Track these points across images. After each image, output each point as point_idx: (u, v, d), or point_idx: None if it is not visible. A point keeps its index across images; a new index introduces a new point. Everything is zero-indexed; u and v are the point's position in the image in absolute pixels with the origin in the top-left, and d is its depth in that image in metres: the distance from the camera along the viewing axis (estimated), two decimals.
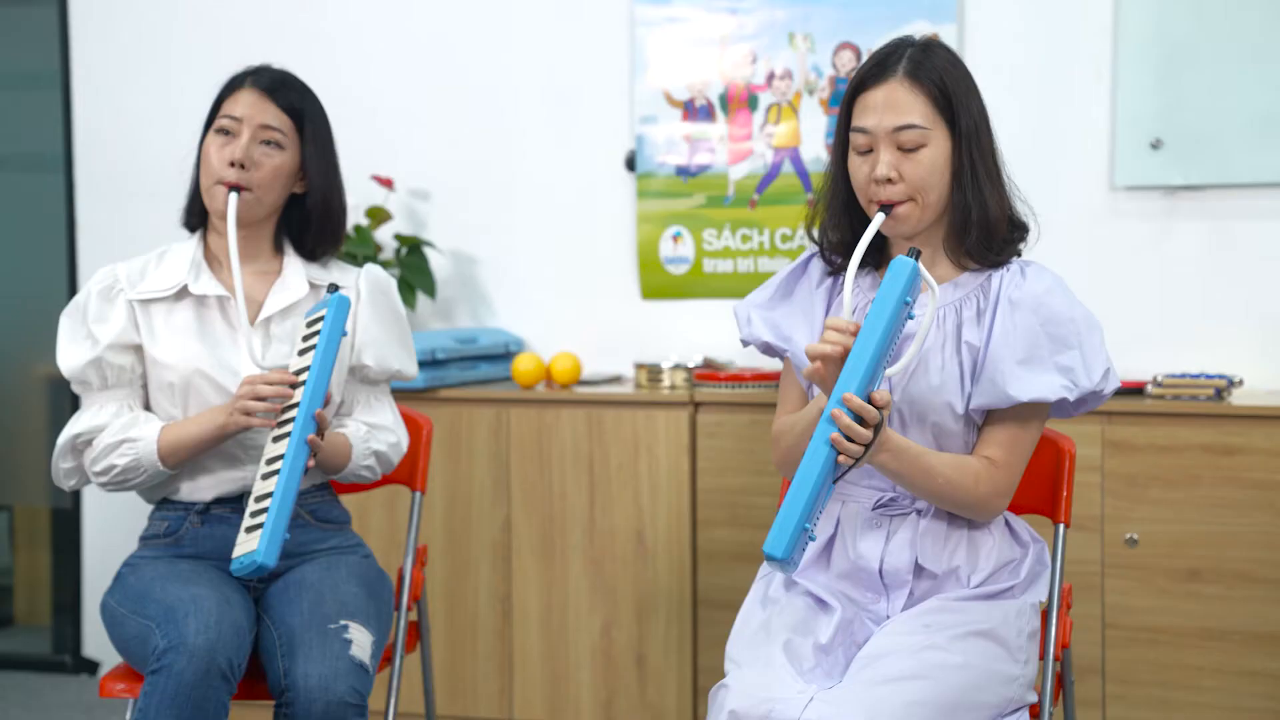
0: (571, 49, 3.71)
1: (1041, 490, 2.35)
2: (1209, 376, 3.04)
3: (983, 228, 2.13)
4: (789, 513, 1.88)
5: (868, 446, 1.93)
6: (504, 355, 3.65)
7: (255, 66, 2.50)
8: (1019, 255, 2.19)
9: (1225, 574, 2.92)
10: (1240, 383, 3.10)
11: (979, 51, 3.37)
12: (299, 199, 2.49)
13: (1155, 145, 3.24)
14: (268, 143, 2.42)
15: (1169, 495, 2.95)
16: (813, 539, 1.93)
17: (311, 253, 2.51)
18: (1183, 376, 3.05)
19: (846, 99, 2.16)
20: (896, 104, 2.09)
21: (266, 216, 2.47)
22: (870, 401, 1.92)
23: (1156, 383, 3.05)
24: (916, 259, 1.95)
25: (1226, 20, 3.19)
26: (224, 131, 2.42)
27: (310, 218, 2.49)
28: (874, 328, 1.93)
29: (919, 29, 3.37)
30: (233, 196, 2.38)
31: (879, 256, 2.22)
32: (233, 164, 2.39)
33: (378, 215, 3.68)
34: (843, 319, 2.01)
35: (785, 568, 1.90)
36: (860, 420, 1.92)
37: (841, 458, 1.91)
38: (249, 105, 2.43)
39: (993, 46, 3.37)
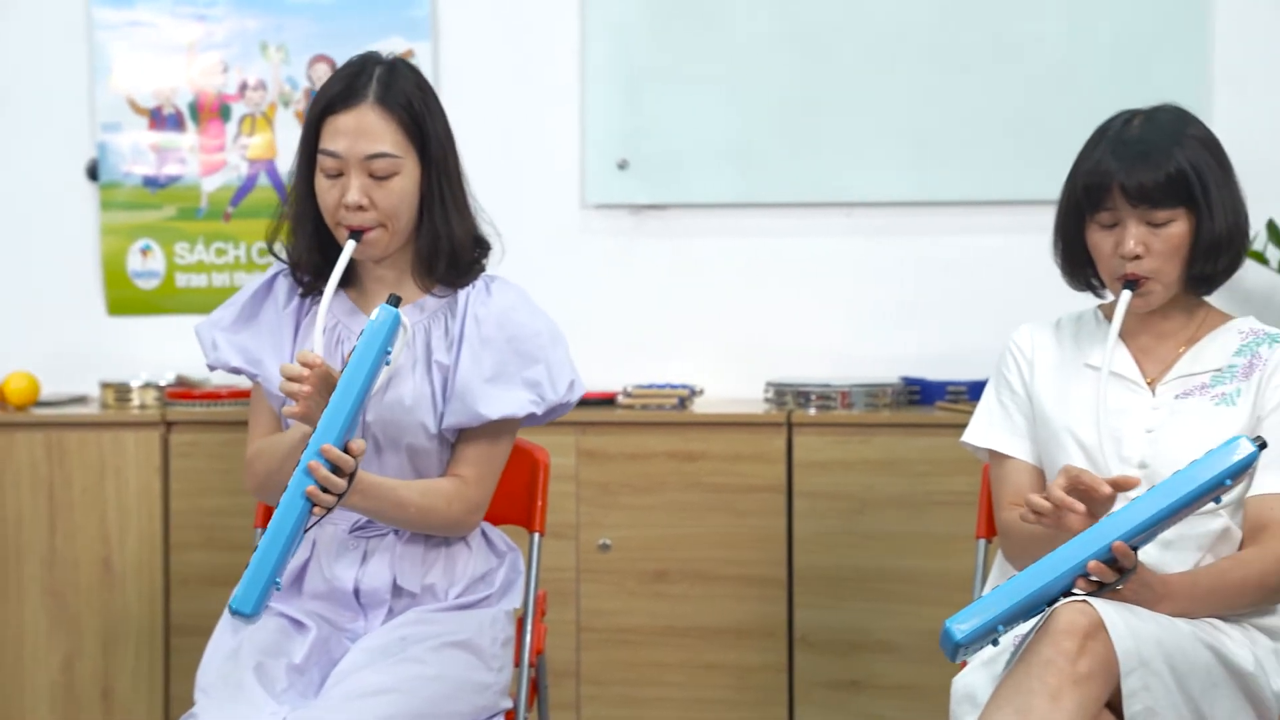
0: (22, 50, 3.48)
1: (517, 501, 2.39)
2: (673, 386, 3.20)
3: (450, 254, 2.15)
4: (260, 569, 1.87)
5: (341, 495, 1.92)
6: None
7: None
8: (484, 271, 2.22)
9: (688, 574, 3.08)
10: (701, 392, 3.29)
11: (454, 70, 3.41)
12: None
13: (622, 166, 3.39)
14: None
15: (639, 501, 3.09)
16: (279, 589, 1.91)
17: None
18: (650, 387, 3.20)
19: (314, 118, 2.12)
20: (368, 130, 2.08)
21: None
22: (346, 450, 1.92)
23: (626, 393, 3.19)
24: (397, 305, 1.95)
25: (685, 51, 3.37)
26: None
27: None
28: (354, 379, 1.92)
29: (394, 45, 3.37)
30: None
31: (346, 275, 2.19)
32: None
33: None
34: (310, 353, 1.99)
35: (250, 621, 1.88)
36: (336, 470, 1.91)
37: (316, 509, 1.91)
38: None
39: (467, 66, 3.42)
